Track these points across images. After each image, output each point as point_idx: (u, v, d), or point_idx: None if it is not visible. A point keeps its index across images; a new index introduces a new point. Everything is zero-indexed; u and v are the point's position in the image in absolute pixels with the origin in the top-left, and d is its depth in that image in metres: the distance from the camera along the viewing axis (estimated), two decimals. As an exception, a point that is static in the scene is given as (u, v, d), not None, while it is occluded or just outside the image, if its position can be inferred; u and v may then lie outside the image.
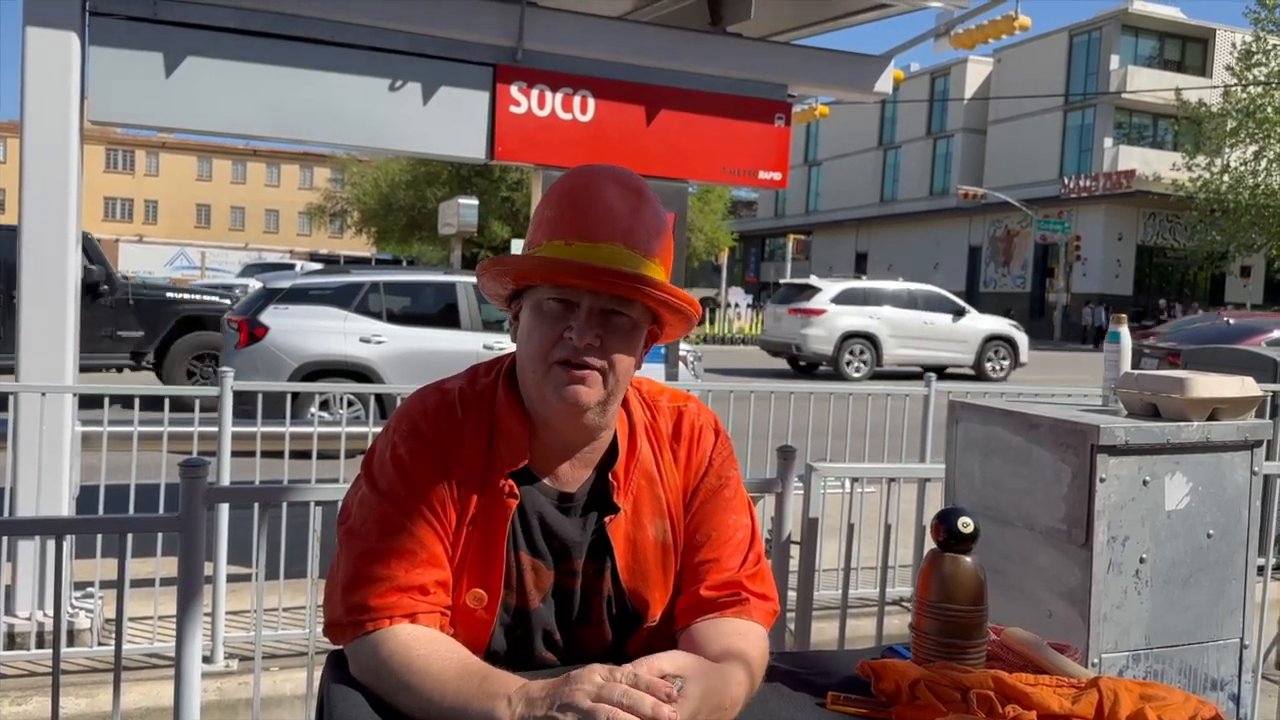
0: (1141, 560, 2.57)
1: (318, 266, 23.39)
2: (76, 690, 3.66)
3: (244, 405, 4.63)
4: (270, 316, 8.90)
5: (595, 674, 1.18)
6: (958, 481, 3.00)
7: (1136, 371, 2.78)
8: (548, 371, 1.37)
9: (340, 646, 1.39)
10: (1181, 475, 2.60)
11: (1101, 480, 2.50)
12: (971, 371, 19.44)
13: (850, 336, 18.93)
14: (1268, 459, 2.78)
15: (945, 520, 1.45)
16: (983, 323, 20.14)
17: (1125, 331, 2.90)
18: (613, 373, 1.38)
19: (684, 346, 10.99)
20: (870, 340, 19.03)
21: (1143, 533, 2.56)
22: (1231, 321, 12.65)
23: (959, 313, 19.82)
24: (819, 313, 18.97)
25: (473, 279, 10.09)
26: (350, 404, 7.82)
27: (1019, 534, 2.73)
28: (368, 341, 9.01)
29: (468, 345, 9.02)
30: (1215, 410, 2.63)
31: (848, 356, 18.88)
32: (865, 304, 19.28)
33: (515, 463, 1.42)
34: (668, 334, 1.48)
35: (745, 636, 1.40)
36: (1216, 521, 2.65)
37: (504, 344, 8.94)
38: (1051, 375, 19.24)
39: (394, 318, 9.33)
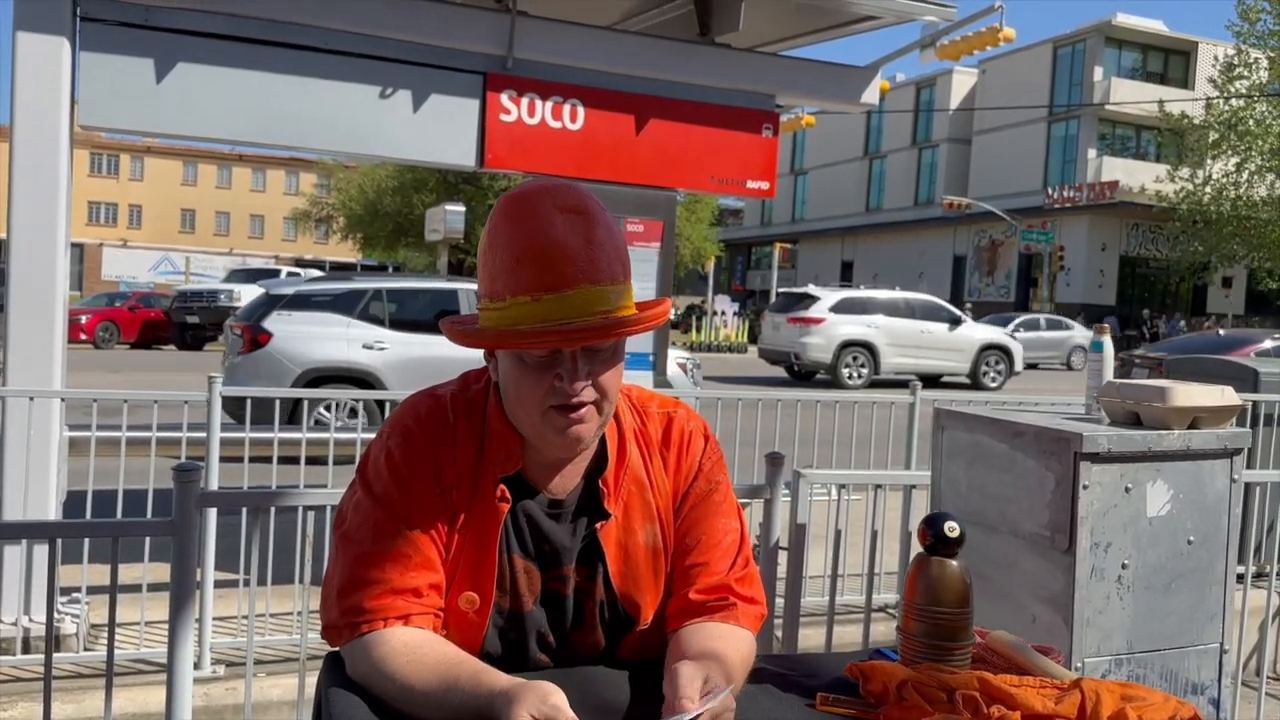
0: (1123, 566, 2.60)
1: (315, 272, 23.32)
2: (63, 696, 3.64)
3: (243, 411, 4.64)
4: (274, 323, 8.88)
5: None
6: (943, 488, 3.03)
7: (1119, 380, 2.82)
8: (543, 416, 1.37)
9: (336, 649, 1.41)
10: (1163, 482, 2.64)
11: (1084, 487, 2.53)
12: (968, 380, 19.46)
13: (848, 345, 18.96)
14: (1247, 467, 2.82)
15: (932, 525, 1.48)
16: (978, 332, 20.21)
17: (1108, 341, 2.94)
18: (606, 399, 1.40)
19: (683, 355, 10.98)
20: (868, 349, 19.05)
21: (1125, 539, 2.60)
22: (1222, 332, 12.78)
23: (955, 321, 19.87)
24: (817, 321, 19.00)
25: (474, 285, 10.10)
26: (353, 413, 7.77)
27: (1003, 540, 2.77)
28: (370, 348, 9.00)
29: (469, 351, 8.99)
30: (1196, 419, 2.67)
31: (846, 365, 18.91)
32: (864, 313, 19.31)
33: (507, 469, 1.44)
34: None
35: (727, 640, 1.43)
36: (1197, 528, 2.69)
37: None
38: (1049, 385, 19.28)
39: (396, 324, 9.31)
